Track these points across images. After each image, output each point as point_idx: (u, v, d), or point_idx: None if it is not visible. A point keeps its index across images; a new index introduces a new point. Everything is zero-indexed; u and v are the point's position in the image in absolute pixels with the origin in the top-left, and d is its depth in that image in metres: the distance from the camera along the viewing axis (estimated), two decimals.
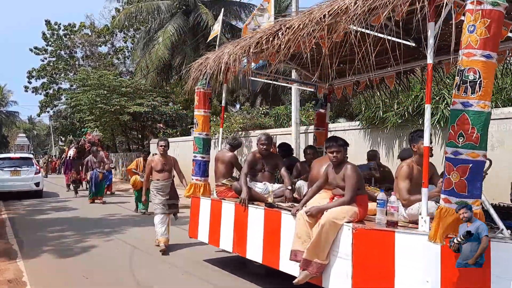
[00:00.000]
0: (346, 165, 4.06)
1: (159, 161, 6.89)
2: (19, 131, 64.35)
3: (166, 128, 23.41)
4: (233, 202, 5.35)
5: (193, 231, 6.14)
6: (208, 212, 5.79)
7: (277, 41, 4.53)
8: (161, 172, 6.84)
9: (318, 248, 3.85)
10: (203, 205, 5.96)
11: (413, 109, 7.93)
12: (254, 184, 5.38)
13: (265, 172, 5.55)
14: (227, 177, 5.84)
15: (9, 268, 5.81)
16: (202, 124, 6.35)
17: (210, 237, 5.75)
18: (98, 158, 13.31)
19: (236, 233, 5.22)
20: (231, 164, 5.96)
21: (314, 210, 4.00)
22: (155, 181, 6.84)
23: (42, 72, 33.97)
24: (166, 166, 6.91)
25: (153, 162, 6.88)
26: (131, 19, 24.30)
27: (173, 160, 7.10)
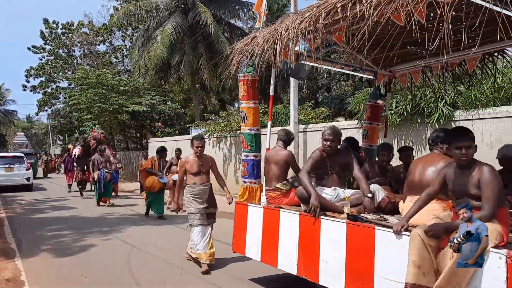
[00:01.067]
0: (481, 167, 3.04)
1: (195, 162, 5.77)
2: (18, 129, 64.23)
3: (164, 127, 23.40)
4: (296, 213, 4.32)
5: (239, 245, 5.15)
6: (259, 223, 4.83)
7: (359, 7, 3.49)
8: (198, 175, 5.77)
9: (453, 285, 2.79)
10: (253, 214, 4.97)
11: (411, 108, 7.93)
12: (320, 190, 4.35)
13: (333, 174, 4.52)
14: (281, 180, 4.96)
15: (7, 267, 5.80)
16: (252, 117, 5.47)
17: (264, 254, 4.74)
18: (105, 157, 12.49)
19: (303, 252, 4.17)
20: (286, 165, 5.04)
21: (439, 229, 2.97)
22: (190, 185, 5.76)
23: (40, 71, 33.96)
24: (203, 168, 5.82)
25: (187, 163, 5.79)
26: (130, 18, 24.28)
27: (210, 161, 5.98)
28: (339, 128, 4.56)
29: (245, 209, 5.10)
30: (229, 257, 5.91)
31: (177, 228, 8.77)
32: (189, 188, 5.77)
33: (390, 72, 6.40)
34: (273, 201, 4.93)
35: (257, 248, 4.81)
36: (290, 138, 5.34)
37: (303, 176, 4.26)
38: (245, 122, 5.52)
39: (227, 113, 15.72)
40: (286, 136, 5.28)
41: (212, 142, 15.25)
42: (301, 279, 4.22)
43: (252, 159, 5.46)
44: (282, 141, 5.25)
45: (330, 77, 16.76)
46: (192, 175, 5.77)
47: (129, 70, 31.72)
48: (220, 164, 14.69)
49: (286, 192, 4.89)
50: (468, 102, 7.52)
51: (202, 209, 5.72)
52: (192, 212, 5.71)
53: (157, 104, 23.06)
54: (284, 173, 5.03)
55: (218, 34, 21.25)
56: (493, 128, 6.83)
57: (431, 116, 7.69)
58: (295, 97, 10.95)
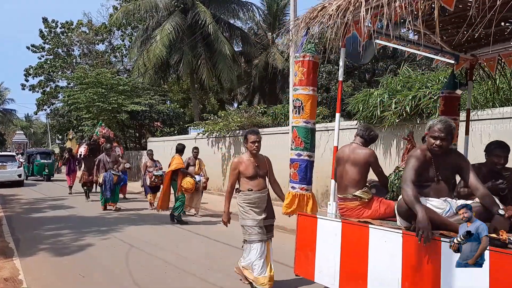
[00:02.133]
0: None
1: (250, 163, 4.74)
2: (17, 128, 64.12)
3: (163, 126, 23.40)
4: (399, 232, 3.33)
5: (304, 267, 4.20)
6: (336, 242, 3.85)
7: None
8: (254, 179, 4.74)
9: None
10: (325, 230, 4.02)
11: (411, 108, 7.93)
12: (425, 201, 3.35)
13: (440, 181, 3.50)
14: (361, 186, 4.04)
15: (5, 267, 5.78)
16: (310, 107, 4.52)
17: (345, 282, 3.74)
18: (112, 157, 11.51)
19: (412, 284, 3.16)
20: (367, 166, 4.11)
21: None
22: (245, 192, 4.73)
23: (39, 70, 33.92)
24: (260, 170, 4.79)
25: (241, 164, 4.74)
26: (129, 17, 24.27)
27: (267, 162, 4.95)
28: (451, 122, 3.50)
29: (313, 223, 4.13)
30: (289, 278, 4.94)
31: (176, 227, 8.76)
32: (244, 195, 4.73)
33: (473, 56, 5.37)
34: (350, 214, 4.03)
35: (333, 274, 3.84)
36: (371, 135, 4.31)
37: (407, 187, 3.29)
38: (300, 113, 4.57)
39: (226, 113, 15.71)
40: (366, 131, 4.29)
41: (211, 142, 15.25)
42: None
43: (305, 160, 4.53)
44: (363, 137, 4.28)
45: (329, 77, 16.76)
46: (248, 179, 4.74)
47: (128, 69, 31.70)
48: (219, 164, 14.70)
49: (368, 202, 4.00)
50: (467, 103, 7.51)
51: (261, 220, 4.68)
52: (249, 224, 4.65)
53: (156, 103, 23.08)
54: (364, 178, 4.12)
55: (217, 34, 21.25)
56: (491, 129, 6.83)
57: (430, 117, 7.70)
58: None
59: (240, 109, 15.68)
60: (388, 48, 16.68)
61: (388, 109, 8.33)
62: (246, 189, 4.74)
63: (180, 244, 7.22)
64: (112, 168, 11.21)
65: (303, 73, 4.51)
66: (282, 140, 11.57)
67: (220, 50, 21.29)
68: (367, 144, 4.28)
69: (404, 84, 8.60)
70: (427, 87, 7.97)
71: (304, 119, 4.56)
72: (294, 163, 4.59)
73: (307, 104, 4.51)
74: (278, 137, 11.93)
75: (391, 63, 16.32)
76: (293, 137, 4.65)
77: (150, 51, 21.37)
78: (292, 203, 4.50)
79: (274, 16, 27.19)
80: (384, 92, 8.74)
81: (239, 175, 4.77)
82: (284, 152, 11.34)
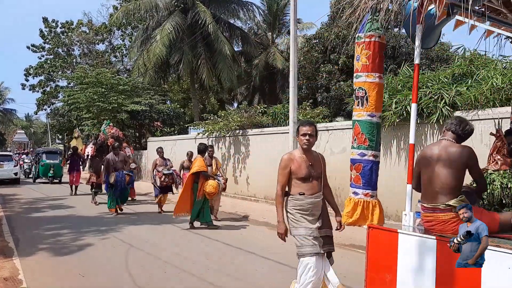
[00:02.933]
0: None
1: (303, 162, 3.88)
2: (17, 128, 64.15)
3: (163, 126, 23.40)
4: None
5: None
6: (429, 265, 3.07)
7: None
8: (307, 181, 3.87)
9: None
10: (410, 248, 3.25)
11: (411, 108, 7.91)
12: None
13: None
14: (456, 194, 3.26)
15: (5, 266, 5.78)
16: (375, 98, 3.89)
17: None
18: (121, 156, 10.79)
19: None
20: (464, 169, 3.33)
21: None
22: (296, 196, 3.88)
23: (39, 70, 33.94)
24: (314, 171, 3.90)
25: (293, 162, 3.88)
26: (129, 17, 24.29)
27: (322, 161, 4.03)
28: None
29: (393, 239, 3.36)
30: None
31: (176, 227, 8.75)
32: (294, 200, 3.88)
33: None
34: (442, 228, 3.27)
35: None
36: (466, 130, 3.51)
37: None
38: (364, 105, 3.89)
39: (226, 112, 15.70)
40: (460, 125, 3.49)
41: (211, 142, 15.25)
42: None
43: (370, 161, 3.89)
44: (453, 132, 3.49)
45: (329, 77, 16.75)
46: (299, 180, 3.86)
47: (128, 69, 31.71)
48: None
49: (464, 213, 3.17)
50: (467, 103, 7.51)
51: (315, 229, 3.83)
52: (302, 233, 3.82)
53: (156, 103, 23.07)
54: (460, 183, 3.32)
55: (217, 33, 21.26)
56: (492, 129, 6.81)
57: (431, 117, 7.68)
58: (294, 97, 10.93)
59: (240, 109, 15.67)
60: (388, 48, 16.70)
61: (389, 109, 8.31)
62: (297, 193, 3.86)
63: (179, 243, 7.22)
64: (123, 168, 10.57)
65: (367, 57, 3.85)
66: (282, 140, 11.56)
67: (220, 50, 21.30)
68: (462, 141, 3.49)
69: (404, 84, 8.58)
70: (428, 87, 7.96)
71: (368, 112, 3.87)
72: (356, 164, 3.96)
73: (372, 94, 3.83)
74: (278, 137, 11.93)
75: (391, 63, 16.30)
76: (355, 134, 3.98)
77: (150, 51, 21.39)
78: (354, 212, 3.86)
79: (274, 16, 27.19)
80: (384, 92, 8.73)
81: (290, 175, 3.89)
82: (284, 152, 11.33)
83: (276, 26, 27.65)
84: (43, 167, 20.22)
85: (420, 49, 3.79)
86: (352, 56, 16.32)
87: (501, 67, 8.03)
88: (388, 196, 8.64)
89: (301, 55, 17.34)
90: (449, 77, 8.24)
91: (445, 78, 8.17)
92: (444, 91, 7.66)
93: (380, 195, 4.17)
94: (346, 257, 6.24)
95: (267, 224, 8.98)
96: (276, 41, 27.95)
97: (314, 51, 17.40)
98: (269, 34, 27.82)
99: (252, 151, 13.04)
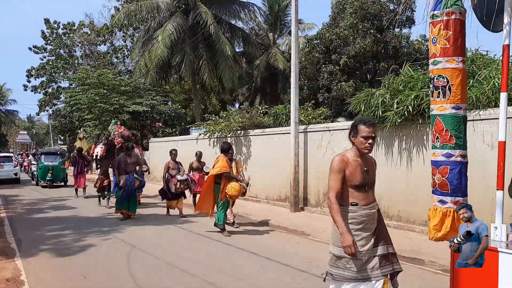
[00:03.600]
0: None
1: (358, 166, 3.28)
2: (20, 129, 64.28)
3: (165, 127, 23.42)
4: None
5: None
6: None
7: None
8: (361, 190, 3.26)
9: None
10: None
11: (413, 108, 7.91)
12: None
13: None
14: None
15: (7, 267, 5.80)
16: (459, 87, 3.40)
17: None
18: (133, 157, 9.94)
19: None
20: None
21: None
22: (348, 207, 3.26)
23: (41, 71, 34.04)
24: (369, 178, 3.33)
25: (349, 165, 3.26)
26: (131, 18, 24.31)
27: (375, 166, 3.49)
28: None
29: (492, 259, 2.77)
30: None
31: (177, 228, 8.77)
32: (345, 212, 3.26)
33: None
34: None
35: None
36: None
37: None
38: (446, 96, 3.36)
39: (228, 113, 15.70)
40: None
41: (212, 142, 15.25)
42: None
43: (458, 162, 3.31)
44: None
45: (330, 78, 16.75)
46: (353, 188, 3.26)
47: (130, 70, 31.78)
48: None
49: None
50: (469, 103, 7.49)
51: (371, 245, 3.20)
52: (342, 254, 3.20)
53: (158, 104, 23.10)
54: None
55: (218, 34, 21.28)
56: (494, 129, 6.81)
57: None
58: (296, 98, 10.94)
59: (242, 110, 15.67)
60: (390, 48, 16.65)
61: (390, 109, 8.30)
62: (349, 203, 3.26)
63: (181, 244, 7.22)
64: (135, 171, 9.80)
65: (447, 39, 3.28)
66: (283, 141, 11.56)
67: (221, 50, 21.31)
68: None
69: (406, 84, 8.56)
70: (429, 87, 7.95)
71: (453, 104, 3.28)
72: (441, 167, 3.36)
73: (455, 82, 3.29)
74: (280, 137, 11.92)
75: (393, 63, 16.29)
76: (437, 131, 3.40)
77: (151, 52, 21.42)
78: (442, 224, 3.23)
79: (275, 17, 27.18)
80: (386, 92, 8.71)
81: (344, 182, 3.25)
82: (286, 154, 11.37)
83: (277, 26, 27.65)
84: (41, 169, 18.61)
85: (509, 28, 3.25)
86: (353, 56, 16.37)
87: None
88: (389, 196, 8.63)
89: (302, 56, 17.34)
90: None
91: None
92: None
93: (381, 195, 4.00)
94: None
95: (269, 225, 8.98)
96: (278, 41, 27.95)
97: (315, 52, 17.41)
98: (271, 34, 27.81)
99: (253, 151, 13.04)
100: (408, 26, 17.67)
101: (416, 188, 7.88)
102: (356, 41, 16.09)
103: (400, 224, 8.31)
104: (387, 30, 16.80)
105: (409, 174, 8.30)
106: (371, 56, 16.68)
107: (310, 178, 10.86)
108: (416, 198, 7.91)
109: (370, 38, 16.09)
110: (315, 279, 5.16)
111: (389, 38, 16.46)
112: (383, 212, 8.72)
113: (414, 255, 6.20)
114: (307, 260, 6.06)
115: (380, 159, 8.88)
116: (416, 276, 5.25)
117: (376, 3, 16.63)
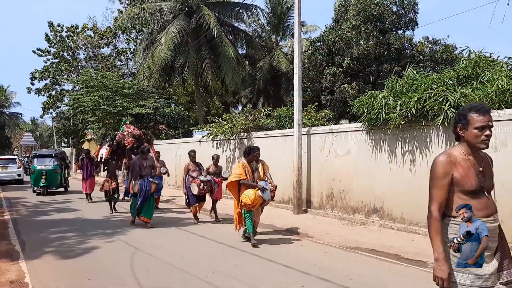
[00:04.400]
0: None
1: (470, 167, 2.63)
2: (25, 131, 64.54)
3: (168, 129, 23.48)
4: None
5: None
6: None
7: None
8: (478, 196, 2.60)
9: None
10: None
11: (416, 110, 7.90)
12: None
13: None
14: None
15: (11, 269, 5.82)
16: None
17: None
18: (150, 160, 9.35)
19: None
20: None
21: None
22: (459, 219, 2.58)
23: (45, 74, 34.19)
24: (486, 181, 2.66)
25: (458, 167, 2.62)
26: (134, 21, 24.41)
27: (491, 164, 2.83)
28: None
29: None
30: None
31: (181, 230, 8.77)
32: (457, 225, 2.59)
33: None
34: None
35: None
36: None
37: None
38: None
39: (231, 115, 15.73)
40: None
41: (216, 144, 15.28)
42: None
43: None
44: None
45: (333, 80, 16.75)
46: (466, 195, 2.58)
47: (133, 72, 31.87)
48: (224, 167, 14.69)
49: None
50: None
51: (490, 276, 2.54)
52: (465, 284, 2.55)
53: (161, 106, 23.18)
54: None
55: (221, 37, 21.33)
56: (497, 131, 6.79)
57: (436, 119, 7.66)
58: (299, 100, 10.94)
59: (245, 112, 15.69)
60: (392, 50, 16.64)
61: (393, 111, 8.30)
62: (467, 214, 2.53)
63: (185, 246, 7.23)
64: (150, 174, 9.21)
65: None
66: (286, 143, 11.57)
67: (224, 53, 21.36)
68: None
69: (409, 86, 8.56)
70: (432, 89, 7.93)
71: None
72: None
73: None
74: (282, 140, 11.93)
75: (396, 65, 16.28)
76: None
77: (155, 54, 21.49)
78: None
79: (278, 19, 27.23)
80: (389, 94, 8.71)
81: (452, 185, 2.59)
82: (289, 156, 11.37)
83: (280, 29, 27.70)
84: (34, 174, 16.34)
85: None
86: (356, 58, 16.38)
87: (507, 68, 7.99)
88: (392, 198, 8.62)
89: (305, 58, 17.36)
90: (454, 79, 8.21)
91: (450, 80, 8.14)
92: (449, 93, 7.63)
93: (384, 197, 4.12)
94: (351, 259, 6.31)
95: (272, 227, 8.97)
96: (280, 44, 27.99)
97: (318, 54, 17.42)
98: (273, 37, 27.86)
99: None
100: (411, 28, 17.66)
101: (420, 190, 7.86)
102: (359, 43, 16.09)
103: (403, 226, 8.29)
104: (390, 32, 16.80)
105: (412, 176, 8.28)
106: (374, 58, 16.68)
107: (313, 180, 10.86)
108: (419, 200, 7.89)
109: (373, 40, 16.09)
110: (318, 281, 5.16)
111: (392, 40, 16.45)
112: (386, 215, 8.74)
113: (417, 257, 6.19)
114: (311, 262, 6.05)
115: (383, 161, 8.87)
116: (419, 278, 5.23)
117: (378, 5, 16.64)
